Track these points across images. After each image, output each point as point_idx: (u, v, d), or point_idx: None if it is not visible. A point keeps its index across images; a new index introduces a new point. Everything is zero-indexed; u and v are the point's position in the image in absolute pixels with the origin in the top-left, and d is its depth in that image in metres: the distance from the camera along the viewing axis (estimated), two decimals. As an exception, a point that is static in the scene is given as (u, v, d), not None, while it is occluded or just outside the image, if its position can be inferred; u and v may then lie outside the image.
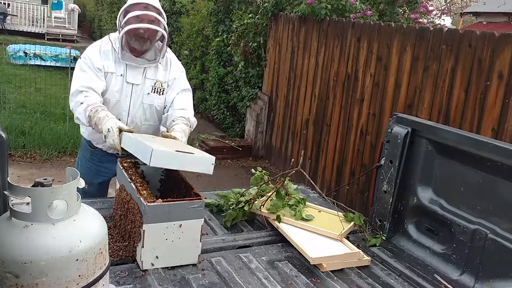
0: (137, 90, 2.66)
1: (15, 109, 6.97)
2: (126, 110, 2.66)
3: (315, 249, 2.29)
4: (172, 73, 2.75)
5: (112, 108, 2.61)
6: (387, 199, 2.63)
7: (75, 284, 1.34)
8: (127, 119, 2.67)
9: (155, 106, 2.71)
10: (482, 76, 3.65)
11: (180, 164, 2.09)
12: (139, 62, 2.63)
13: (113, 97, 2.63)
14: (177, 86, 2.76)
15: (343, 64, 5.13)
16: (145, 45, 2.58)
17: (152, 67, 2.68)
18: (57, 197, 1.34)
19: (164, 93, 2.73)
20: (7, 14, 16.94)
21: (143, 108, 2.69)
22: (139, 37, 2.54)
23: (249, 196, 2.65)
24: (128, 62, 2.60)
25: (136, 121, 2.70)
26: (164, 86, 2.72)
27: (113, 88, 2.61)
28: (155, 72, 2.70)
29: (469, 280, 2.21)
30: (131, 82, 2.63)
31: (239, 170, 6.38)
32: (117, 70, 2.62)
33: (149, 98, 2.68)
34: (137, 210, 2.00)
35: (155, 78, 2.69)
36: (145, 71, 2.66)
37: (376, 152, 4.25)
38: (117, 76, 2.61)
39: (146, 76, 2.67)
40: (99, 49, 2.64)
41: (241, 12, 7.13)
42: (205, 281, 1.98)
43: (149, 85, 2.67)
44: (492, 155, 2.14)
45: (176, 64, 2.82)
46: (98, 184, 2.87)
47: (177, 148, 2.15)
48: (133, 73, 2.64)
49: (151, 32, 2.54)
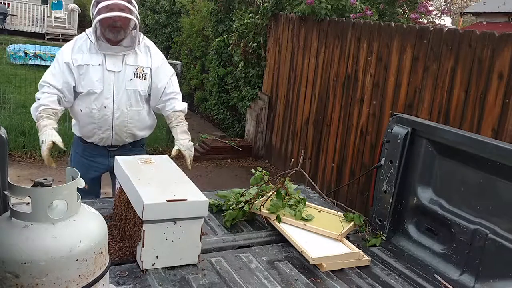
0: (119, 77, 2.72)
1: (15, 109, 6.96)
2: (111, 97, 2.72)
3: (315, 249, 2.29)
4: (154, 60, 2.84)
5: (98, 98, 2.69)
6: (387, 199, 2.63)
7: (75, 284, 1.34)
8: (113, 106, 2.73)
9: (139, 91, 2.78)
10: (482, 76, 3.65)
11: (173, 214, 2.02)
12: (116, 50, 2.69)
13: (96, 87, 2.69)
14: (164, 74, 2.87)
15: (343, 64, 5.13)
16: (120, 34, 2.66)
17: (131, 54, 2.74)
18: (57, 197, 1.34)
19: (147, 78, 2.80)
20: (7, 14, 16.93)
21: (127, 94, 2.75)
22: (112, 27, 2.62)
23: (249, 196, 2.65)
24: (105, 52, 2.67)
25: (122, 107, 2.75)
26: (146, 71, 2.80)
27: (92, 78, 2.68)
28: (135, 58, 2.76)
29: (469, 280, 2.21)
30: (112, 70, 2.70)
31: (239, 170, 6.38)
32: (93, 61, 2.68)
33: (132, 83, 2.75)
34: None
35: (136, 64, 2.76)
36: (125, 58, 2.73)
37: (376, 152, 4.25)
38: (94, 66, 2.67)
39: (126, 63, 2.73)
40: (73, 44, 2.74)
41: (241, 12, 7.13)
42: (205, 281, 1.98)
43: (131, 71, 2.74)
44: (492, 155, 2.14)
45: (156, 51, 2.90)
46: (90, 179, 2.87)
47: (171, 186, 2.12)
48: (113, 61, 2.70)
49: (123, 20, 2.62)
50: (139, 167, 2.31)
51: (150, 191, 2.03)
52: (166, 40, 10.52)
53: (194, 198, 2.06)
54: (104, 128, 2.78)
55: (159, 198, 1.99)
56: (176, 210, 1.99)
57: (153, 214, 1.95)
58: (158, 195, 2.01)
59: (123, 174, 2.25)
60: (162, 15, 10.40)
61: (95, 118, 2.74)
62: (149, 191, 2.02)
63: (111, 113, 2.74)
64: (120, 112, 2.75)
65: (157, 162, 2.43)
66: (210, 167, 6.33)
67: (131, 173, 2.20)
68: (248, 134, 7.03)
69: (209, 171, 6.19)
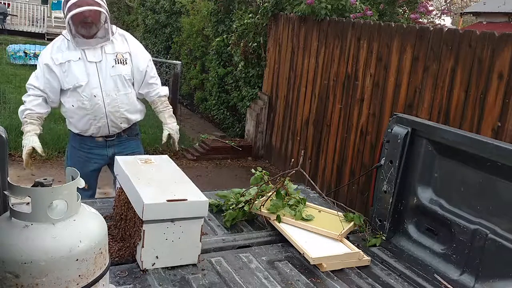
0: (101, 66, 2.86)
1: (15, 109, 6.94)
2: (98, 86, 2.85)
3: (315, 249, 2.29)
4: (131, 45, 3.00)
5: (85, 89, 2.83)
6: (387, 199, 2.63)
7: (75, 284, 1.34)
8: (102, 93, 2.86)
9: (123, 76, 2.92)
10: (482, 76, 3.65)
11: (173, 214, 2.02)
12: (93, 43, 2.83)
13: (80, 80, 2.82)
14: (143, 57, 3.03)
15: (343, 64, 5.13)
16: (92, 29, 2.79)
17: (108, 44, 2.89)
18: (57, 197, 1.34)
19: (128, 62, 2.95)
20: (7, 14, 16.93)
21: (113, 80, 2.89)
22: (84, 22, 2.75)
23: (249, 196, 2.65)
24: (83, 47, 2.82)
25: (111, 93, 2.88)
26: (126, 56, 2.94)
27: (75, 72, 2.82)
28: (113, 47, 2.91)
29: (469, 280, 2.21)
30: (93, 61, 2.84)
31: (239, 170, 6.38)
32: (73, 56, 2.82)
33: (115, 69, 2.89)
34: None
35: (114, 51, 2.90)
36: (103, 48, 2.87)
37: (376, 152, 4.25)
38: (75, 62, 2.82)
39: (105, 52, 2.88)
40: (52, 46, 2.91)
41: (241, 12, 7.12)
42: (205, 281, 1.98)
43: (111, 58, 2.89)
44: (492, 155, 2.14)
45: (131, 38, 3.07)
46: (90, 172, 3.02)
47: (171, 186, 2.12)
48: (92, 53, 2.85)
49: (92, 15, 2.75)
50: (139, 167, 2.31)
51: (150, 191, 2.03)
52: (166, 40, 10.51)
53: (194, 198, 2.07)
54: (98, 117, 2.89)
55: (159, 198, 1.99)
56: (176, 210, 2.00)
57: (153, 214, 1.95)
58: (158, 195, 2.01)
59: (123, 174, 2.25)
60: (162, 15, 10.40)
61: (88, 109, 2.86)
62: (149, 191, 2.02)
63: (102, 101, 2.86)
64: (110, 98, 2.88)
65: (157, 162, 2.44)
66: (210, 167, 6.33)
67: (131, 173, 2.21)
68: (248, 134, 7.03)
69: (209, 171, 6.18)
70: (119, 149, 3.04)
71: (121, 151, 3.03)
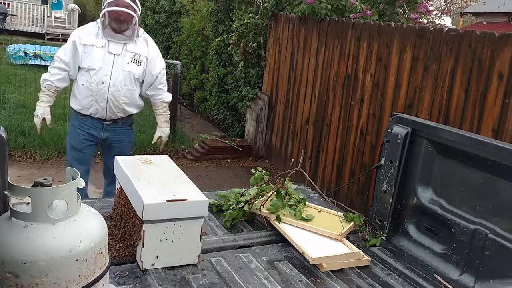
0: (118, 59, 3.23)
1: (15, 109, 6.96)
2: (108, 75, 3.22)
3: (315, 249, 2.29)
4: (151, 51, 3.36)
5: (96, 74, 3.20)
6: (387, 199, 2.63)
7: (75, 284, 1.34)
8: (110, 82, 3.22)
9: (133, 74, 3.27)
10: (482, 76, 3.65)
11: (173, 214, 2.03)
12: (119, 39, 3.23)
13: (95, 65, 3.20)
14: (159, 64, 3.40)
15: (343, 64, 5.13)
16: (122, 26, 3.18)
17: (131, 43, 3.27)
18: (57, 197, 1.34)
19: (142, 64, 3.31)
20: (7, 14, 16.92)
21: (124, 75, 3.25)
22: (117, 19, 3.16)
23: (249, 196, 2.65)
24: (109, 38, 3.21)
25: (117, 85, 3.24)
26: (143, 59, 3.31)
27: (94, 56, 3.20)
28: (135, 47, 3.29)
29: (469, 280, 2.21)
30: (113, 53, 3.22)
31: (239, 170, 6.38)
32: (98, 43, 3.21)
33: (129, 67, 3.26)
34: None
35: (134, 51, 3.28)
36: (125, 45, 3.25)
37: (376, 152, 4.25)
38: (97, 48, 3.20)
39: (126, 49, 3.26)
40: (84, 28, 3.36)
41: (241, 12, 7.12)
42: (205, 281, 1.98)
43: (129, 56, 3.25)
44: (492, 155, 2.14)
45: (153, 44, 3.43)
46: (86, 147, 3.44)
47: (171, 186, 2.13)
48: (115, 46, 3.23)
49: (126, 15, 3.14)
50: (139, 167, 2.31)
51: (150, 191, 2.03)
52: (166, 40, 10.51)
53: (194, 198, 2.07)
54: (99, 100, 3.25)
55: (159, 198, 1.99)
56: (176, 210, 2.00)
57: (153, 214, 1.95)
58: (158, 195, 2.01)
59: (123, 174, 2.25)
60: (162, 15, 10.39)
61: (93, 91, 3.23)
62: (149, 191, 2.02)
63: (107, 88, 3.22)
64: (115, 88, 3.24)
65: (157, 162, 2.44)
66: (210, 167, 6.33)
67: (131, 173, 2.21)
68: (248, 134, 7.03)
69: (209, 171, 6.18)
70: (112, 134, 3.43)
71: (114, 136, 3.44)
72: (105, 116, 3.32)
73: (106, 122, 3.37)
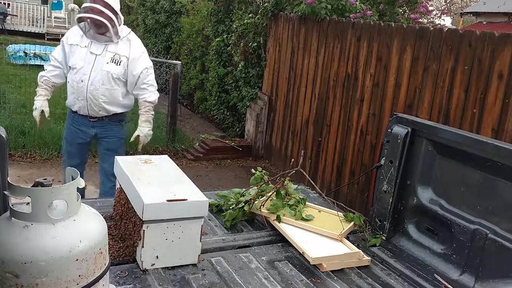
0: (98, 59, 3.33)
1: (15, 109, 6.96)
2: (87, 74, 3.33)
3: (315, 249, 2.29)
4: (133, 51, 3.40)
5: (77, 73, 3.33)
6: (387, 199, 2.63)
7: (75, 284, 1.34)
8: (88, 81, 3.33)
9: (111, 73, 3.34)
10: (482, 76, 3.65)
11: (173, 214, 2.03)
12: (100, 40, 3.33)
13: (77, 64, 3.34)
14: (140, 64, 3.41)
15: (343, 64, 5.13)
16: (101, 29, 3.26)
17: (113, 44, 3.34)
18: (57, 197, 1.33)
19: (121, 64, 3.36)
20: (7, 14, 16.92)
21: (102, 74, 3.33)
22: (94, 23, 3.23)
23: (249, 196, 2.65)
24: (90, 39, 3.33)
25: (95, 84, 3.33)
26: (123, 59, 3.37)
27: (77, 56, 3.35)
28: (116, 47, 3.36)
29: (469, 280, 2.21)
30: (95, 53, 3.33)
31: (239, 170, 6.37)
32: (82, 43, 3.35)
33: (107, 66, 3.33)
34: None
35: (115, 51, 3.36)
36: (107, 46, 3.35)
37: (376, 152, 4.25)
38: (81, 47, 3.34)
39: (107, 50, 3.35)
40: (75, 29, 3.45)
41: (241, 12, 7.12)
42: (205, 281, 1.98)
43: (109, 56, 3.34)
44: (492, 155, 2.14)
45: (137, 44, 3.47)
46: (77, 144, 3.57)
47: (171, 187, 2.13)
48: (97, 46, 3.34)
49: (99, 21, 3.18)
50: (139, 167, 2.31)
51: (150, 191, 2.03)
52: (166, 40, 10.51)
53: (194, 198, 2.07)
54: (80, 98, 3.39)
55: (159, 198, 1.99)
56: (176, 210, 2.00)
57: (153, 214, 1.95)
58: (158, 195, 2.01)
59: (123, 174, 2.25)
60: (162, 15, 10.40)
61: (74, 89, 3.39)
62: (149, 191, 2.02)
63: (86, 87, 3.34)
64: (93, 87, 3.34)
65: (157, 162, 2.44)
66: (210, 167, 6.33)
67: (131, 173, 2.21)
68: (248, 134, 7.03)
69: (209, 171, 6.18)
70: (101, 130, 3.54)
71: (103, 132, 3.55)
72: (88, 113, 3.44)
73: (92, 119, 3.48)
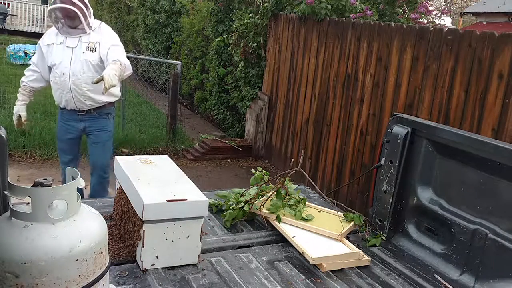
0: (75, 51, 3.47)
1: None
2: (68, 66, 3.46)
3: (315, 249, 2.29)
4: (104, 37, 3.53)
5: (58, 67, 3.47)
6: (387, 199, 2.63)
7: (75, 284, 1.34)
8: (69, 72, 3.46)
9: (89, 61, 3.48)
10: (482, 76, 3.65)
11: (172, 214, 2.03)
12: (74, 33, 3.47)
13: (56, 59, 3.47)
14: (108, 44, 3.50)
15: (343, 64, 5.13)
16: (74, 22, 3.40)
17: (86, 35, 3.48)
18: (57, 197, 1.33)
19: (96, 50, 3.49)
20: (7, 14, 16.92)
21: (81, 64, 3.46)
22: (68, 16, 3.36)
23: (249, 196, 2.65)
24: (65, 35, 3.47)
25: (77, 73, 3.45)
26: (96, 45, 3.50)
27: (56, 53, 3.49)
28: (89, 37, 3.51)
29: (469, 280, 2.21)
30: (70, 46, 3.48)
31: (239, 170, 6.38)
32: (57, 40, 3.50)
33: (84, 55, 3.47)
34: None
35: (88, 40, 3.50)
36: (80, 37, 3.49)
37: (376, 152, 4.25)
38: (57, 45, 3.49)
39: (81, 41, 3.49)
40: (49, 31, 3.62)
41: (241, 12, 7.12)
42: (205, 281, 1.98)
43: (84, 46, 3.48)
44: (492, 155, 2.14)
45: (108, 32, 3.60)
46: (68, 139, 3.70)
47: (171, 186, 2.13)
48: (71, 40, 3.49)
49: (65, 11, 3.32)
50: (139, 167, 2.31)
51: (150, 191, 2.03)
52: (166, 40, 10.50)
53: (194, 198, 2.07)
54: (65, 91, 3.50)
55: (159, 198, 1.99)
56: (176, 210, 2.00)
57: (153, 214, 1.95)
58: (158, 195, 2.01)
59: (123, 174, 2.25)
60: (162, 15, 10.39)
61: (58, 84, 3.50)
62: (149, 191, 2.02)
63: (68, 78, 3.45)
64: (75, 78, 3.45)
65: (157, 162, 2.44)
66: (210, 167, 6.33)
67: (131, 173, 2.21)
68: (248, 134, 7.03)
69: (209, 171, 6.18)
70: (89, 124, 3.64)
71: (91, 125, 3.64)
72: (76, 106, 3.54)
73: (80, 113, 3.59)
